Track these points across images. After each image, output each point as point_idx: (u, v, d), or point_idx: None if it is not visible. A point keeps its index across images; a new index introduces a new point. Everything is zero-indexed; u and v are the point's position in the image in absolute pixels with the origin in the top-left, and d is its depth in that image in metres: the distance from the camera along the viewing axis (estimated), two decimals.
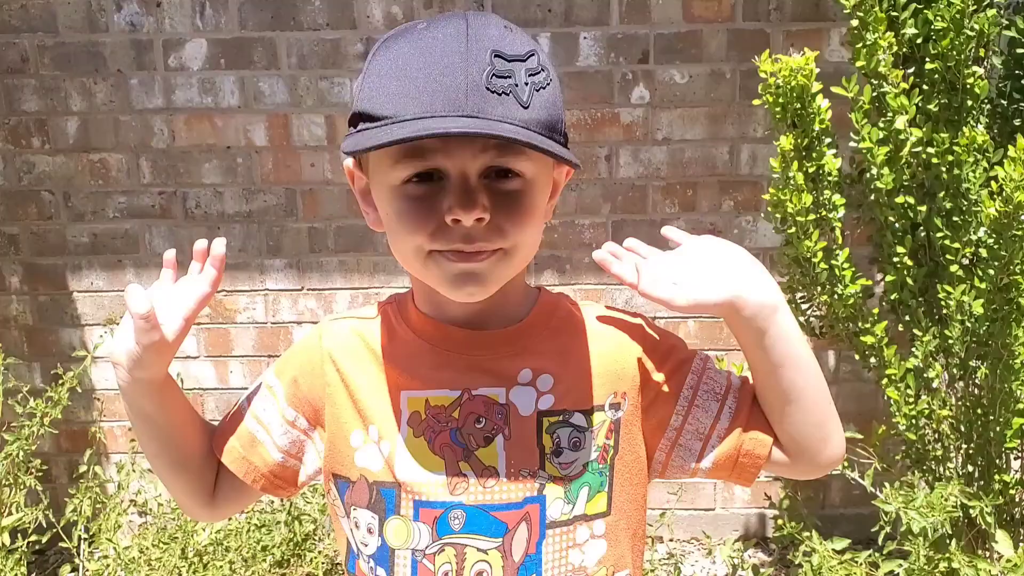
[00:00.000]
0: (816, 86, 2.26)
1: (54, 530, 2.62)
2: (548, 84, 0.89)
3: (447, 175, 0.87)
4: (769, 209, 2.37)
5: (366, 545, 1.00)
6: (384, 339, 1.03)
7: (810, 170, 2.31)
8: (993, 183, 2.15)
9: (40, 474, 2.75)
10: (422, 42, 0.86)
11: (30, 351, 3.14)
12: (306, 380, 1.05)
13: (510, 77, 0.85)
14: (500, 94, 0.84)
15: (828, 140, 2.33)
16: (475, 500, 0.96)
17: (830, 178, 2.32)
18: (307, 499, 2.83)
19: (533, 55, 0.88)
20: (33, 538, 2.60)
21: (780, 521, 2.67)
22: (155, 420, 1.03)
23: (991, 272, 2.16)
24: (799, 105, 2.26)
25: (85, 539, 2.68)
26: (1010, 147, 2.09)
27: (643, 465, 1.05)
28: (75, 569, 2.73)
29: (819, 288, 2.40)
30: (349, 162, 1.00)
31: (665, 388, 1.04)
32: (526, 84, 0.86)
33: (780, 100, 2.26)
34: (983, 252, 2.20)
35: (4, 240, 3.08)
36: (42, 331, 3.13)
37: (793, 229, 2.32)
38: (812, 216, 2.31)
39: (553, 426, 0.98)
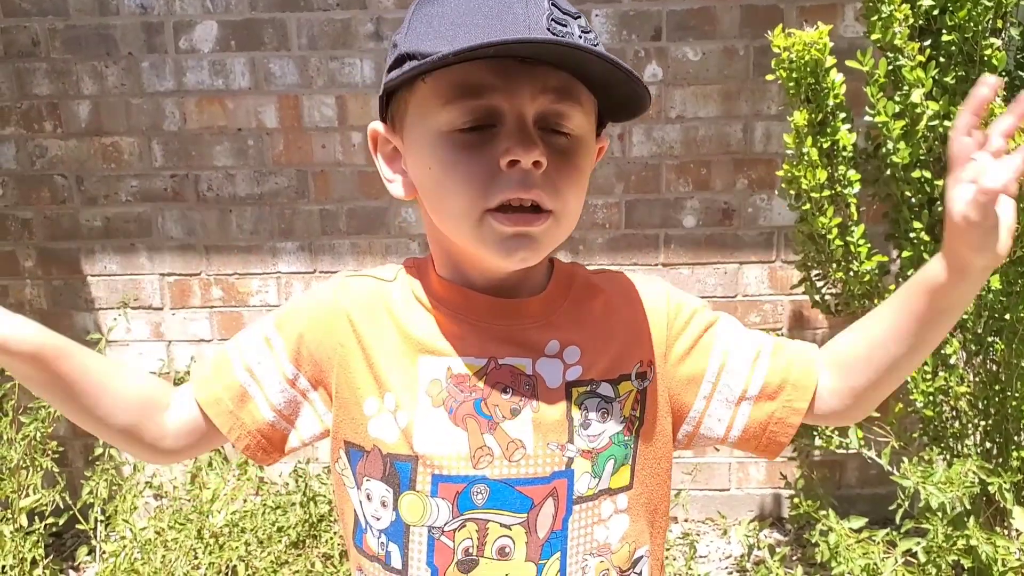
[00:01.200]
0: (830, 60, 2.23)
1: (71, 512, 2.63)
2: (598, 45, 0.86)
3: (502, 118, 0.84)
4: (783, 185, 2.35)
5: (378, 519, 0.95)
6: (403, 303, 0.98)
7: (824, 145, 2.29)
8: None
9: (57, 456, 2.76)
10: None
11: None
12: (315, 337, 0.97)
13: (566, 26, 0.83)
14: (558, 36, 0.81)
15: (843, 115, 2.30)
16: (500, 474, 0.91)
17: (845, 153, 2.30)
18: (322, 480, 2.83)
19: (581, 17, 0.87)
20: (50, 520, 2.62)
21: (796, 500, 2.66)
22: (52, 393, 0.94)
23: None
24: (813, 80, 2.24)
25: (102, 521, 2.70)
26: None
27: (668, 437, 1.01)
28: (92, 551, 2.75)
29: (834, 265, 2.38)
30: (377, 124, 0.95)
31: (692, 354, 1.00)
32: (580, 38, 0.83)
33: (794, 75, 2.24)
34: None
35: (18, 224, 3.09)
36: (56, 315, 3.14)
37: (808, 205, 2.30)
38: (827, 192, 2.29)
39: (581, 397, 0.94)
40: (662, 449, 1.01)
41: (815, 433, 2.51)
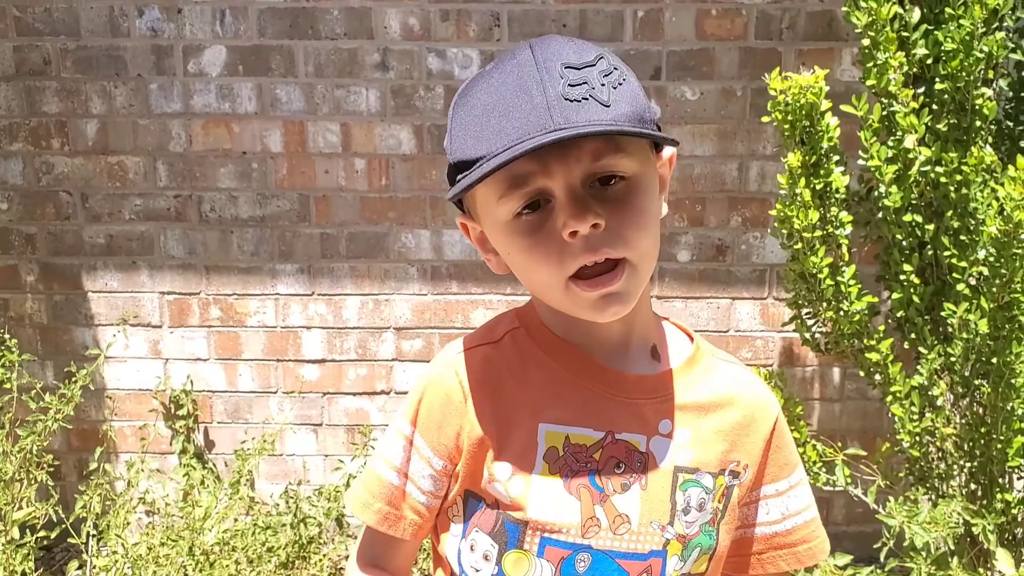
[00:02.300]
0: (825, 104, 2.29)
1: (63, 526, 2.65)
2: (624, 81, 0.90)
3: (553, 196, 0.89)
4: (776, 224, 2.40)
5: (477, 571, 0.99)
6: (518, 366, 1.01)
7: (817, 187, 2.34)
8: (995, 202, 2.17)
9: (52, 469, 2.78)
10: (495, 81, 0.89)
11: (44, 349, 3.18)
12: (449, 420, 1.00)
13: (585, 83, 0.86)
14: (580, 101, 0.85)
15: (836, 158, 2.36)
16: (604, 545, 0.95)
17: (837, 195, 2.35)
18: (312, 503, 2.85)
19: (602, 58, 0.90)
20: (42, 534, 2.63)
21: None
22: None
23: (993, 290, 2.18)
24: (808, 123, 2.29)
25: (93, 536, 2.71)
26: (1011, 167, 2.11)
27: (732, 532, 1.05)
28: (82, 565, 2.76)
29: (825, 304, 2.42)
30: (464, 217, 1.01)
31: (764, 480, 1.05)
32: (602, 85, 0.87)
33: (789, 117, 2.29)
34: (985, 271, 2.22)
35: (21, 239, 3.12)
36: (56, 330, 3.17)
37: (799, 245, 2.35)
38: (819, 232, 2.34)
39: (687, 483, 0.99)
40: (727, 542, 1.05)
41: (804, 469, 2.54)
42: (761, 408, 1.05)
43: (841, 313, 2.40)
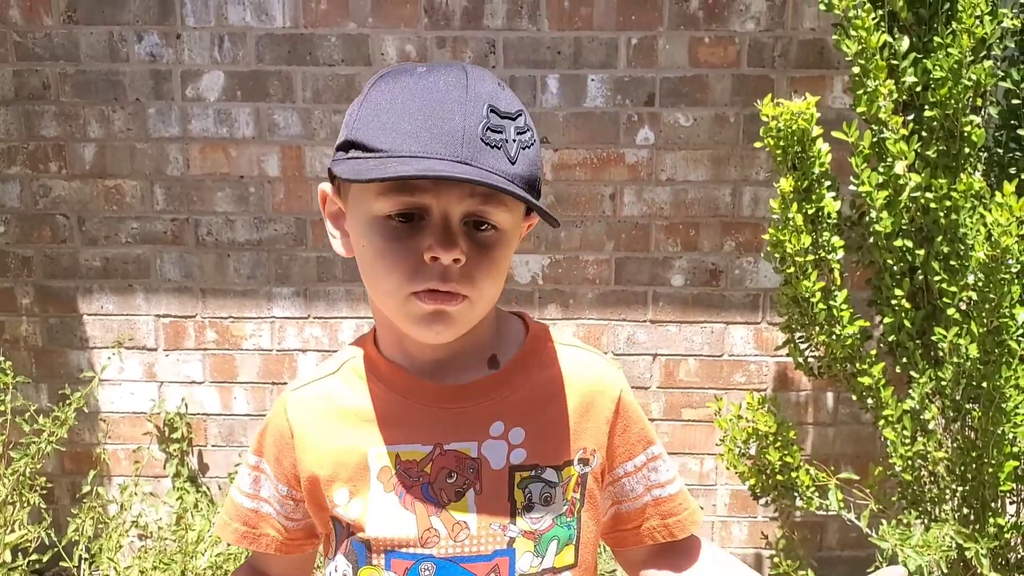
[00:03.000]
0: (816, 130, 2.31)
1: (55, 549, 2.64)
2: (532, 144, 0.93)
3: (429, 214, 0.91)
4: (769, 249, 2.42)
5: None
6: (350, 395, 1.04)
7: (809, 212, 2.36)
8: (983, 228, 2.19)
9: (44, 492, 2.78)
10: (423, 85, 0.90)
11: (38, 371, 3.18)
12: (284, 454, 1.07)
13: (502, 132, 0.89)
14: (492, 147, 0.88)
15: (828, 183, 2.38)
16: (445, 553, 0.98)
17: (829, 220, 2.37)
18: None
19: (521, 115, 0.92)
20: (34, 557, 2.62)
21: (777, 560, 2.68)
22: None
23: (982, 315, 2.20)
24: (799, 148, 2.32)
25: (86, 559, 2.70)
26: (997, 193, 2.14)
27: (599, 515, 1.08)
28: None
29: (817, 328, 2.44)
30: (326, 186, 1.02)
31: (618, 460, 1.07)
32: (514, 141, 0.90)
33: (781, 143, 2.32)
34: (974, 296, 2.24)
35: (18, 262, 3.13)
36: (51, 352, 3.18)
37: (792, 269, 2.37)
38: (811, 257, 2.36)
39: (525, 481, 1.00)
40: (596, 526, 1.07)
41: (796, 494, 2.55)
42: (599, 391, 1.06)
43: (833, 337, 2.42)
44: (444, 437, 1.00)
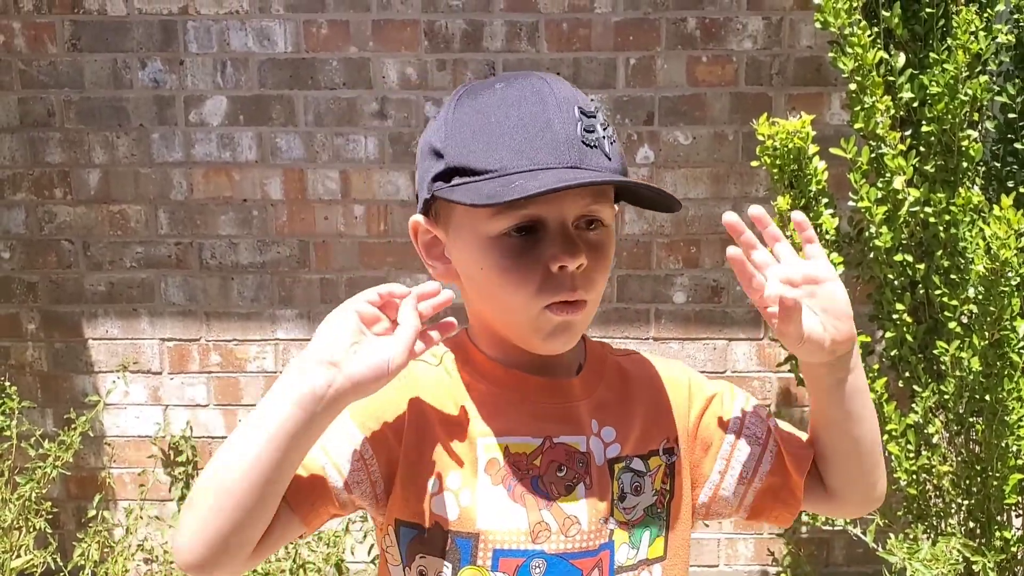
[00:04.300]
0: (813, 148, 2.33)
1: (61, 574, 2.64)
2: (616, 137, 0.96)
3: (545, 225, 0.92)
4: None
5: None
6: (454, 385, 1.02)
7: None
8: (981, 241, 2.21)
9: (50, 517, 2.78)
10: (510, 99, 0.92)
11: (44, 396, 3.19)
12: (391, 419, 0.98)
13: (593, 131, 0.92)
14: (592, 146, 0.91)
15: (825, 200, 2.40)
16: (557, 549, 0.97)
17: (827, 237, 2.39)
18: (312, 548, 2.85)
19: (600, 110, 0.95)
20: None
21: None
22: (274, 473, 0.88)
23: (983, 328, 2.21)
24: (796, 166, 2.33)
25: None
26: (995, 206, 2.15)
27: (691, 509, 1.08)
28: None
29: None
30: (419, 217, 1.01)
31: (709, 434, 1.08)
32: (603, 137, 0.93)
33: (777, 162, 2.34)
34: (975, 309, 2.25)
35: (23, 288, 3.15)
36: (56, 377, 3.19)
37: None
38: None
39: (620, 472, 1.01)
40: (688, 520, 1.07)
41: (802, 510, 2.54)
42: (670, 385, 1.09)
43: None
44: (552, 431, 0.99)
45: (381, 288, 0.93)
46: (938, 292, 2.38)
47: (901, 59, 2.40)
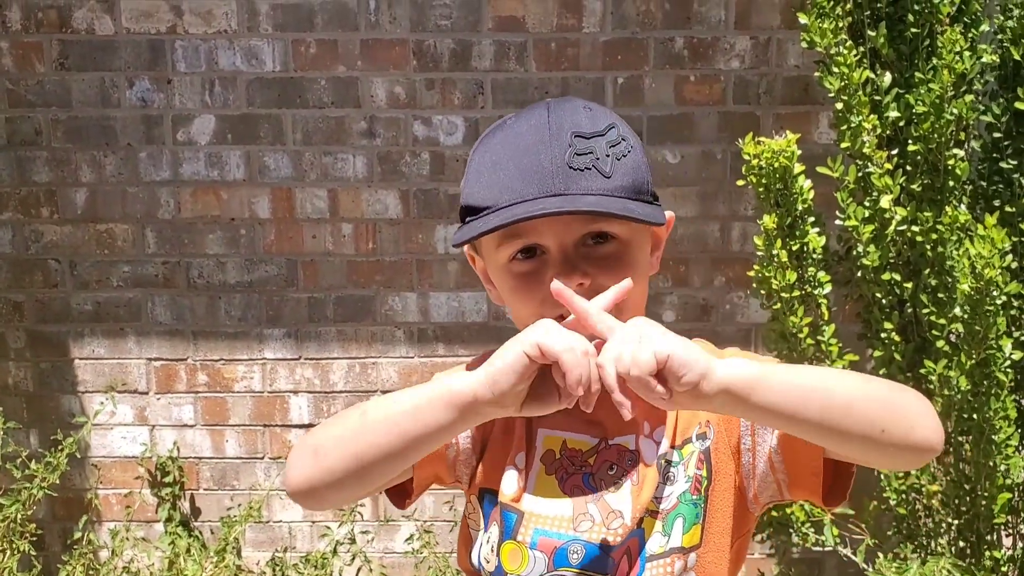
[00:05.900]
0: (798, 167, 2.33)
1: None
2: (629, 152, 0.99)
3: (547, 248, 0.98)
4: (755, 285, 2.43)
5: (488, 562, 1.05)
6: None
7: (794, 248, 2.38)
8: (966, 260, 2.21)
9: (35, 539, 2.75)
10: (511, 135, 0.99)
11: (29, 416, 3.16)
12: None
13: (591, 153, 0.95)
14: (582, 170, 0.95)
15: (811, 219, 2.40)
16: (596, 538, 1.01)
17: (815, 255, 2.39)
18: (299, 570, 2.82)
19: (613, 127, 0.98)
20: None
21: None
22: (411, 457, 1.00)
23: (970, 347, 2.21)
24: (782, 186, 2.34)
25: None
26: (979, 226, 2.16)
27: (734, 492, 1.04)
28: None
29: (806, 364, 2.44)
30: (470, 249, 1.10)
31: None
32: (607, 156, 0.96)
33: (763, 181, 2.34)
34: (961, 328, 2.25)
35: (9, 307, 3.14)
36: (42, 397, 3.17)
37: (778, 305, 2.37)
38: (797, 292, 2.37)
39: (664, 467, 1.04)
40: (731, 507, 1.03)
41: (791, 530, 2.53)
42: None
43: None
44: (608, 432, 1.05)
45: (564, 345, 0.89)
46: (926, 311, 2.38)
47: (887, 79, 2.41)
